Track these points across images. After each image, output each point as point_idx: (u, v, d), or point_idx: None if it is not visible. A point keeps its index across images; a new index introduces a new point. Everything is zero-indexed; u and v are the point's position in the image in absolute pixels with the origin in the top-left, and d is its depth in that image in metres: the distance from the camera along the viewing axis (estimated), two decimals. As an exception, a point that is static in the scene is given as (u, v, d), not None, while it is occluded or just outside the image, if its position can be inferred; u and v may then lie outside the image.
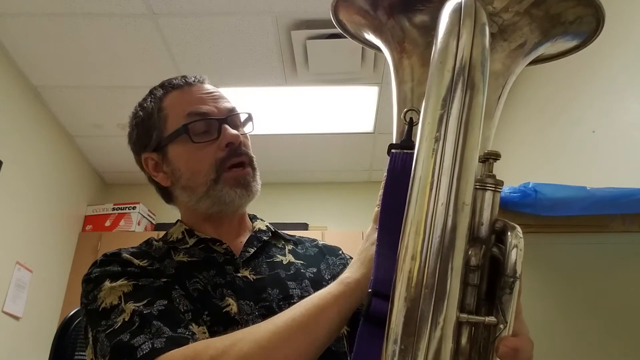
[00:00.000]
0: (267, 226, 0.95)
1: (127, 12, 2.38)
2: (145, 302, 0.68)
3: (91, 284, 0.74)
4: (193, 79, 0.91)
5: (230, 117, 0.87)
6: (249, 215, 0.96)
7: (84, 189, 3.70)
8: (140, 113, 0.92)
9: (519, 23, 0.49)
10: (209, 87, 0.91)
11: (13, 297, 2.81)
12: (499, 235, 0.42)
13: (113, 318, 0.67)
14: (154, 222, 3.77)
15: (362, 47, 2.61)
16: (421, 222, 0.38)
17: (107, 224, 3.62)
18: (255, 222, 0.95)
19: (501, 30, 0.49)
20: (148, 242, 0.88)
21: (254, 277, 0.82)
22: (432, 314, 0.38)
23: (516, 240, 0.41)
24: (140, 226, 3.62)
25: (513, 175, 2.64)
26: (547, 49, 0.54)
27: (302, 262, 0.89)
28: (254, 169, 0.88)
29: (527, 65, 0.57)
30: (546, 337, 0.97)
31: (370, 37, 0.59)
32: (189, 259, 0.82)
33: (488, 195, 0.43)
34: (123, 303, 0.68)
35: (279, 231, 0.96)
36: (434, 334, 0.38)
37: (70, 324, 1.16)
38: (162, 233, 0.93)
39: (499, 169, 0.47)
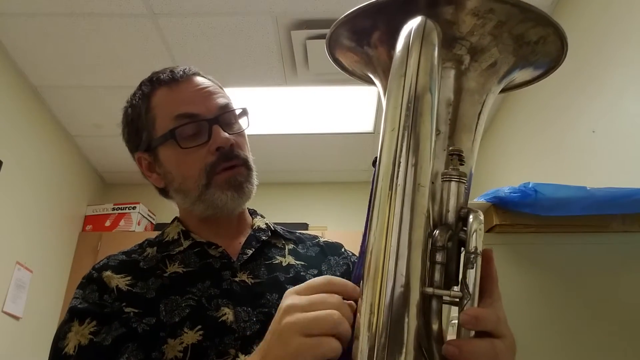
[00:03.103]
0: (266, 224, 0.92)
1: (127, 12, 2.38)
2: None
3: (67, 315, 0.76)
4: (182, 73, 0.85)
5: (222, 115, 0.82)
6: (248, 209, 0.93)
7: (84, 189, 3.70)
8: (130, 111, 0.89)
9: (487, 45, 0.54)
10: (199, 80, 0.86)
11: (13, 297, 2.81)
12: (465, 221, 0.47)
13: None
14: (154, 222, 3.77)
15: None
16: (385, 202, 0.44)
17: (107, 224, 3.62)
18: (255, 219, 0.92)
19: (470, 51, 0.54)
20: (142, 246, 0.86)
21: (252, 281, 0.80)
22: (395, 284, 0.42)
23: (477, 221, 0.46)
24: (140, 226, 3.62)
25: (513, 175, 2.64)
26: (524, 70, 0.59)
27: (302, 263, 0.87)
28: (248, 169, 0.84)
29: (515, 89, 0.64)
30: (546, 337, 0.97)
31: (362, 69, 0.64)
32: (184, 270, 0.80)
33: (453, 185, 0.48)
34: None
35: (279, 229, 0.93)
36: (400, 305, 0.42)
37: None
38: (143, 239, 0.91)
39: (500, 169, 0.49)
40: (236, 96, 3.05)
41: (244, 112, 0.87)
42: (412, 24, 0.48)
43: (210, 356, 0.71)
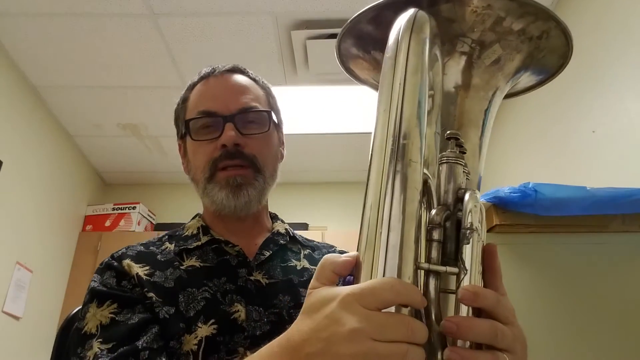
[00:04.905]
0: (286, 229, 0.94)
1: (127, 12, 2.38)
2: (110, 345, 0.69)
3: (87, 296, 0.77)
4: (221, 68, 0.91)
5: (239, 115, 0.84)
6: (270, 214, 0.95)
7: (84, 189, 3.70)
8: (178, 99, 0.94)
9: (488, 41, 0.55)
10: (233, 78, 0.89)
11: (13, 297, 2.81)
12: (462, 201, 0.48)
13: (82, 352, 0.70)
14: (154, 222, 3.77)
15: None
16: (378, 177, 0.45)
17: (107, 224, 3.62)
18: (276, 224, 0.94)
19: (472, 48, 0.55)
20: (161, 240, 0.88)
21: (267, 281, 0.82)
22: (387, 255, 0.43)
23: (472, 199, 0.47)
24: (140, 226, 3.62)
25: (513, 175, 2.64)
26: (532, 68, 0.59)
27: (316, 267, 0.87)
28: (256, 171, 0.84)
29: (531, 90, 0.66)
30: (546, 337, 0.97)
31: (373, 76, 0.64)
32: (201, 265, 0.82)
33: (450, 167, 0.50)
34: (95, 338, 0.70)
35: (297, 236, 0.95)
36: (393, 276, 0.42)
37: (73, 323, 1.15)
38: (163, 233, 0.93)
39: (500, 169, 0.49)
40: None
41: (269, 115, 0.88)
42: (405, 15, 0.50)
43: (222, 351, 0.72)
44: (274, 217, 0.96)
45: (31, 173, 3.01)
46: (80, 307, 1.06)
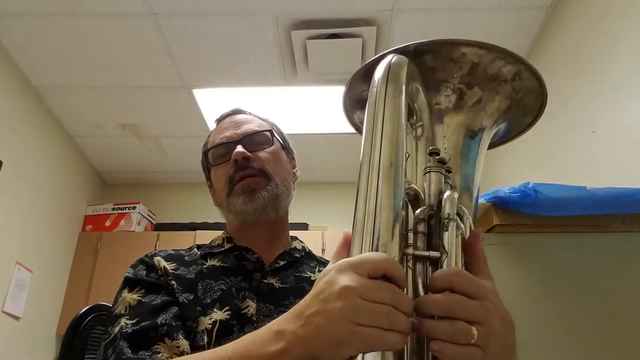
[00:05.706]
0: (303, 247, 1.04)
1: (127, 12, 2.38)
2: (134, 320, 0.78)
3: (120, 285, 0.87)
4: (229, 111, 1.08)
5: (245, 138, 0.98)
6: (291, 237, 1.05)
7: (84, 189, 3.70)
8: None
9: (468, 85, 0.63)
10: (238, 116, 1.06)
11: (13, 297, 2.81)
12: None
13: (111, 329, 0.79)
14: (154, 222, 3.77)
15: (362, 47, 2.63)
16: (365, 175, 0.53)
17: (107, 224, 3.62)
18: (295, 242, 1.04)
19: (454, 91, 0.64)
20: (191, 248, 1.00)
21: (279, 285, 0.91)
22: (373, 239, 0.50)
23: (450, 197, 0.55)
24: (140, 226, 3.62)
25: (513, 175, 2.64)
26: (515, 109, 0.66)
27: None
28: (267, 178, 0.95)
29: (521, 133, 0.73)
30: (545, 337, 0.97)
31: None
32: (221, 265, 0.93)
33: (432, 175, 0.58)
34: (123, 317, 0.80)
35: (314, 254, 1.05)
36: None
37: (80, 324, 1.15)
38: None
39: (500, 169, 0.50)
40: (236, 96, 3.03)
41: (271, 133, 1.03)
42: (386, 58, 0.60)
43: (235, 333, 0.80)
44: (294, 238, 1.06)
45: (31, 173, 3.02)
46: (87, 306, 1.23)
